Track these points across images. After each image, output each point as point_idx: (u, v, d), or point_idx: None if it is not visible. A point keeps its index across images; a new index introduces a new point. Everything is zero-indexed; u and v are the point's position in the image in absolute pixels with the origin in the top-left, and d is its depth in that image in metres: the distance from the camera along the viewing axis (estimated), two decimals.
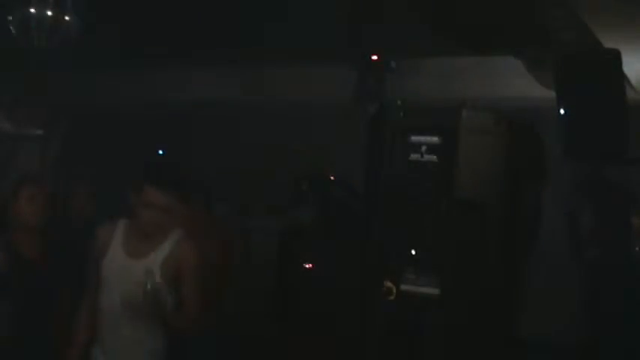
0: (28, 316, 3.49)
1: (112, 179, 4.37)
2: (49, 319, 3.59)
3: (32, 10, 4.46)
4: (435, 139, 4.10)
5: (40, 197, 3.64)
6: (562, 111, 4.16)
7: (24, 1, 4.46)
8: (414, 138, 4.15)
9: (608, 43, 4.56)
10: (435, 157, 4.09)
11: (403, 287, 4.10)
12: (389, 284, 4.11)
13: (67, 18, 4.52)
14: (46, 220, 3.66)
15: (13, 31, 4.56)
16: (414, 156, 4.14)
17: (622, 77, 4.19)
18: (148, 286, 3.18)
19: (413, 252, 4.11)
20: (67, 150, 8.56)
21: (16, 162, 8.62)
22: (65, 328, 3.53)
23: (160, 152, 8.12)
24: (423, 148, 4.12)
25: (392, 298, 4.11)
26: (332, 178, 6.27)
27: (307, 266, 5.95)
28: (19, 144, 9.12)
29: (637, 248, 5.58)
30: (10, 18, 4.54)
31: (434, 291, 4.03)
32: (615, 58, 4.12)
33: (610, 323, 4.53)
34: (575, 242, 5.20)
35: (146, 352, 3.42)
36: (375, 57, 6.48)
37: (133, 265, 3.37)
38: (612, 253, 5.30)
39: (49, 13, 4.46)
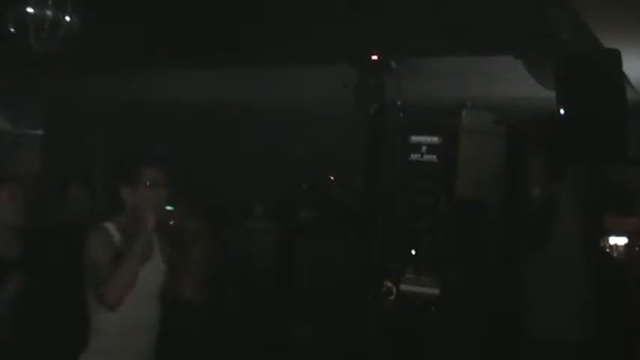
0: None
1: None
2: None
3: (31, 10, 4.45)
4: (435, 139, 4.11)
5: (21, 196, 3.61)
6: (562, 111, 4.15)
7: (23, 1, 4.45)
8: (414, 138, 4.16)
9: (608, 43, 4.55)
10: (435, 157, 4.10)
11: (403, 287, 4.10)
12: (389, 284, 4.11)
13: (66, 18, 4.51)
14: (25, 219, 3.61)
15: (12, 31, 4.55)
16: (414, 156, 4.14)
17: (622, 77, 4.18)
18: None
19: (413, 252, 4.11)
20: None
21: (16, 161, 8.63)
22: None
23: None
24: (423, 148, 4.13)
25: (392, 298, 4.11)
26: (332, 178, 6.26)
27: (307, 266, 5.95)
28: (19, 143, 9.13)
29: (637, 248, 5.57)
30: (9, 18, 4.53)
31: (434, 291, 4.04)
32: (615, 58, 4.11)
33: (614, 323, 4.52)
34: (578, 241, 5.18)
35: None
36: (375, 57, 6.47)
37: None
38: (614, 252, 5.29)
39: (48, 13, 4.45)
